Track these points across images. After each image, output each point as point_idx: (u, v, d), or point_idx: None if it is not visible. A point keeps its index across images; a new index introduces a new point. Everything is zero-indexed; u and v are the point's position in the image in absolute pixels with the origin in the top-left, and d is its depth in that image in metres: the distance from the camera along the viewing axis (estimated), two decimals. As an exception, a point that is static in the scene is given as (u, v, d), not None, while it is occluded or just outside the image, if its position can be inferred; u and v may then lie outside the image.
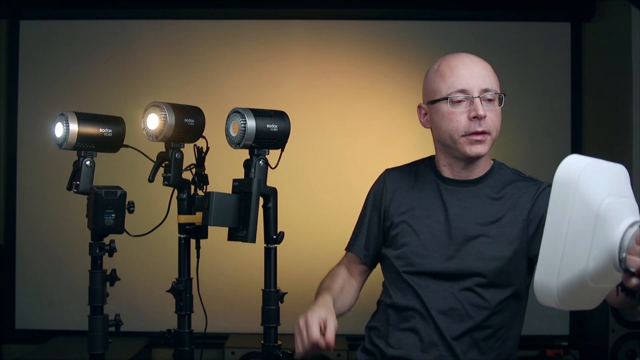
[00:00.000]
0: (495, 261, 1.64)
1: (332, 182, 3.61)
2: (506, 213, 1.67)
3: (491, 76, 1.68)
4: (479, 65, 1.68)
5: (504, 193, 1.70)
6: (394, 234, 1.75)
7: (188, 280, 1.66)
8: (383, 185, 1.83)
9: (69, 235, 3.61)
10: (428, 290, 1.67)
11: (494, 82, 1.67)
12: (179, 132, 1.59)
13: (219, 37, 3.80)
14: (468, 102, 1.64)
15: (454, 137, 1.67)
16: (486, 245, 1.65)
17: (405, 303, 1.70)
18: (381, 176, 1.87)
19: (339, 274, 1.84)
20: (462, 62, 1.68)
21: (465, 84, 1.64)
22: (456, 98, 1.64)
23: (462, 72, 1.65)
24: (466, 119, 1.64)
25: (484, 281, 1.64)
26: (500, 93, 1.68)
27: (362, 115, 3.67)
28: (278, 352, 1.50)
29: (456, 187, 1.72)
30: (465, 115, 1.64)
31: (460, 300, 1.65)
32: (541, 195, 1.66)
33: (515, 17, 3.80)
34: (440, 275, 1.67)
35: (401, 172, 1.84)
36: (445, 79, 1.66)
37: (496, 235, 1.66)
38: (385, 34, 3.76)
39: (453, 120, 1.65)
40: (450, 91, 1.65)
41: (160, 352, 3.66)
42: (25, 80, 3.79)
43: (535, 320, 3.72)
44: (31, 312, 3.74)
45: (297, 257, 3.40)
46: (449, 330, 1.64)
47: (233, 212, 1.46)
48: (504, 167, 1.78)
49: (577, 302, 1.16)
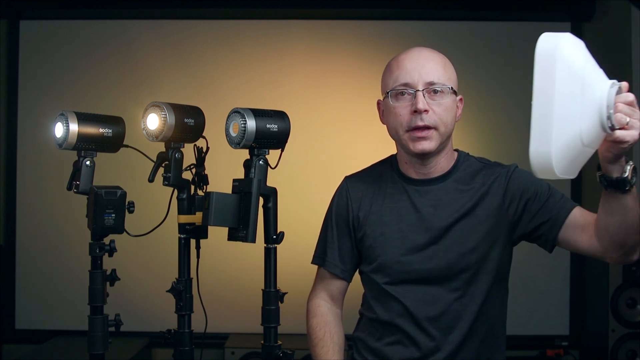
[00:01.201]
0: (475, 253, 1.63)
1: (332, 182, 3.60)
2: (479, 202, 1.65)
3: (439, 69, 1.63)
4: (426, 59, 1.64)
5: (473, 182, 1.68)
6: (367, 246, 1.71)
7: (188, 280, 1.66)
8: (347, 196, 1.77)
9: (68, 236, 3.61)
10: (413, 299, 1.65)
11: (442, 75, 1.62)
12: (179, 132, 1.59)
13: (219, 37, 3.80)
14: (411, 96, 1.61)
15: (398, 133, 1.64)
16: (464, 238, 1.63)
17: (388, 318, 1.67)
18: (342, 185, 1.81)
19: (325, 315, 1.77)
20: (409, 56, 1.65)
21: (409, 78, 1.61)
22: (398, 91, 1.62)
23: (407, 65, 1.63)
24: (408, 113, 1.61)
25: (468, 276, 1.63)
26: (448, 86, 1.62)
27: (362, 115, 3.66)
28: (278, 352, 1.50)
29: (424, 187, 1.69)
30: (407, 109, 1.61)
31: (449, 303, 1.63)
32: (512, 176, 1.66)
33: (515, 17, 3.80)
34: (424, 280, 1.65)
35: (363, 179, 1.78)
36: (392, 73, 1.65)
37: (472, 225, 1.64)
38: (385, 34, 3.76)
39: (397, 115, 1.63)
40: (394, 85, 1.63)
41: (160, 352, 3.66)
42: (25, 80, 3.79)
43: (535, 320, 3.76)
44: (31, 312, 3.75)
45: (297, 257, 3.38)
46: (442, 339, 1.63)
47: (233, 212, 1.46)
48: (468, 157, 1.75)
49: (569, 168, 1.20)
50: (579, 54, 1.20)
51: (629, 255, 1.50)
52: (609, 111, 1.19)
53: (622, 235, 1.44)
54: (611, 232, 1.45)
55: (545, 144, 1.16)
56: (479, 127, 3.59)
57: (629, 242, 1.45)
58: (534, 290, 3.64)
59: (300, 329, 2.22)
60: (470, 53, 3.62)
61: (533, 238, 1.65)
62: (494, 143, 3.60)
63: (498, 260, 1.66)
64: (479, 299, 1.64)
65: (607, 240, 1.48)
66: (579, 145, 1.19)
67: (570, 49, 1.18)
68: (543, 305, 3.75)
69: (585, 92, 1.17)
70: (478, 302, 1.64)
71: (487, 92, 3.65)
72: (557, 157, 1.16)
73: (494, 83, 3.70)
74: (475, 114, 3.48)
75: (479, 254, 1.63)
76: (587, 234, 1.53)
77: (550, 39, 1.17)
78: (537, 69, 1.17)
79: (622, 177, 1.33)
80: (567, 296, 3.74)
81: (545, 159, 1.16)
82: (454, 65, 1.69)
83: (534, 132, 1.17)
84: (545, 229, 1.60)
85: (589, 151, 1.24)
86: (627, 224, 1.42)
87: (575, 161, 1.22)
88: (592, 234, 1.51)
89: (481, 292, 1.64)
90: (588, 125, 1.19)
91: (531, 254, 1.93)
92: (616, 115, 1.20)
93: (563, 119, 1.15)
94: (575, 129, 1.17)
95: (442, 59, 1.67)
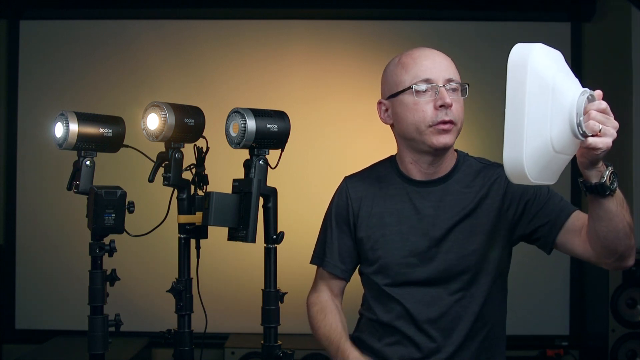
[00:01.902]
0: (475, 254, 1.63)
1: (332, 182, 3.60)
2: (479, 203, 1.65)
3: (453, 67, 1.65)
4: (441, 57, 1.66)
5: (473, 184, 1.68)
6: (368, 248, 1.71)
7: (188, 280, 1.65)
8: (347, 196, 1.77)
9: (68, 235, 3.61)
10: (413, 301, 1.65)
11: (456, 73, 1.65)
12: (179, 132, 1.59)
13: (219, 37, 3.80)
14: (433, 91, 1.61)
15: (420, 129, 1.63)
16: (464, 240, 1.64)
17: (388, 319, 1.68)
18: (342, 186, 1.81)
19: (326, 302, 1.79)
20: (424, 54, 1.66)
21: (430, 74, 1.62)
22: (421, 88, 1.62)
23: (425, 63, 1.63)
24: (432, 108, 1.61)
25: (469, 277, 1.63)
26: (464, 83, 1.65)
27: (362, 115, 3.66)
28: (278, 352, 1.49)
29: (426, 188, 1.69)
30: (431, 104, 1.61)
31: (449, 304, 1.63)
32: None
33: (515, 17, 3.80)
34: (424, 282, 1.65)
35: (363, 179, 1.78)
36: (409, 70, 1.64)
37: (473, 227, 1.64)
38: (385, 34, 3.76)
39: (419, 111, 1.62)
40: (415, 81, 1.62)
41: (160, 352, 3.66)
42: (25, 80, 3.79)
43: (535, 320, 3.75)
44: (31, 312, 3.75)
45: (297, 257, 3.38)
46: (442, 341, 1.63)
47: (233, 212, 1.46)
48: (468, 157, 1.75)
49: (543, 173, 1.24)
50: (550, 63, 1.23)
51: (622, 261, 1.50)
52: (579, 118, 1.22)
53: (612, 241, 1.44)
54: (601, 237, 1.45)
55: (517, 151, 1.20)
56: (479, 127, 3.58)
57: (620, 247, 1.45)
58: (534, 290, 3.65)
59: (300, 329, 2.23)
60: (471, 53, 3.62)
61: (532, 240, 1.65)
62: (494, 143, 3.59)
63: (498, 261, 1.66)
64: (479, 300, 1.64)
65: (598, 246, 1.48)
66: (550, 151, 1.22)
67: (540, 58, 1.21)
68: (543, 305, 3.75)
69: (555, 100, 1.21)
70: (478, 303, 1.64)
71: (488, 92, 3.65)
72: (529, 163, 1.20)
73: (494, 83, 3.69)
74: (475, 114, 3.48)
75: (479, 256, 1.63)
76: (583, 239, 1.53)
77: (522, 50, 1.22)
78: (509, 78, 1.21)
79: (600, 183, 1.34)
80: (567, 296, 3.74)
81: (517, 164, 1.20)
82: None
83: (507, 139, 1.22)
84: (544, 231, 1.60)
85: (564, 157, 1.27)
86: (615, 230, 1.42)
87: (549, 167, 1.25)
88: (586, 240, 1.52)
89: (481, 293, 1.64)
90: (558, 132, 1.22)
91: (531, 255, 1.93)
92: (588, 122, 1.22)
93: (533, 126, 1.19)
94: (545, 135, 1.21)
95: (450, 58, 1.68)
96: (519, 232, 1.65)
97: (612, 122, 1.26)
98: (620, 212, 1.40)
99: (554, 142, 1.21)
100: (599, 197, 1.37)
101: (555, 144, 1.22)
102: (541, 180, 1.25)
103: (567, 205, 1.61)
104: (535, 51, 1.21)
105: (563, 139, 1.23)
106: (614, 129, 1.26)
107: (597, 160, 1.31)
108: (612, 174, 1.34)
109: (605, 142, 1.25)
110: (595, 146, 1.24)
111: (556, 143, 1.22)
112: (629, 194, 3.50)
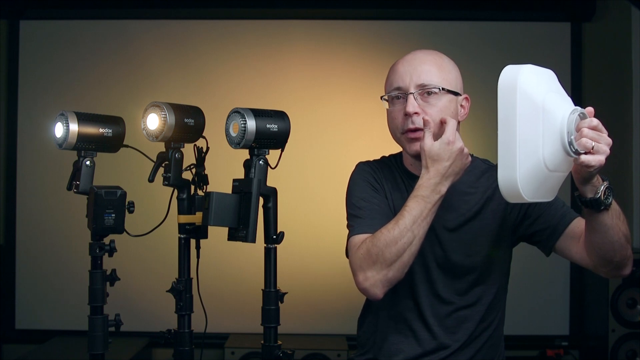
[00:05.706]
0: (481, 255, 1.63)
1: (332, 182, 3.61)
2: (485, 205, 1.66)
3: (433, 71, 1.60)
4: (420, 61, 1.63)
5: (478, 185, 1.68)
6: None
7: (188, 280, 1.65)
8: (370, 172, 1.70)
9: (68, 235, 3.61)
10: (424, 296, 1.64)
11: (435, 76, 1.60)
12: (179, 132, 1.59)
13: (219, 37, 3.80)
14: (404, 99, 1.61)
15: (396, 135, 1.65)
16: (471, 240, 1.64)
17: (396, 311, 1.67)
18: (360, 167, 1.73)
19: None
20: (405, 59, 1.66)
21: (401, 81, 1.62)
22: (392, 95, 1.64)
23: (400, 69, 1.64)
24: (402, 116, 1.61)
25: (475, 277, 1.64)
26: (439, 87, 1.59)
27: (362, 115, 3.67)
28: (278, 352, 1.50)
29: None
30: (401, 112, 1.61)
31: (456, 304, 1.63)
32: None
33: (515, 17, 3.80)
34: (432, 281, 1.64)
35: (379, 167, 1.74)
36: (389, 77, 1.67)
37: (479, 228, 1.64)
38: (385, 34, 3.76)
39: (393, 118, 1.64)
40: (389, 89, 1.65)
41: (160, 352, 3.66)
42: (25, 80, 3.79)
43: (535, 320, 3.75)
44: (31, 312, 3.75)
45: (297, 257, 3.39)
46: (446, 339, 1.63)
47: (233, 212, 1.46)
48: (472, 157, 1.71)
49: (539, 192, 1.27)
50: (540, 84, 1.25)
51: (619, 270, 1.51)
52: (570, 137, 1.24)
53: (607, 252, 1.45)
54: (597, 247, 1.46)
55: (511, 171, 1.22)
56: (479, 127, 3.58)
57: (615, 258, 1.47)
58: (534, 290, 3.65)
59: (300, 329, 2.24)
60: (471, 53, 3.62)
61: (532, 242, 1.66)
62: (494, 143, 3.59)
63: (502, 262, 1.67)
64: (485, 301, 1.65)
65: (595, 255, 1.49)
66: (544, 170, 1.24)
67: (529, 79, 1.23)
68: (543, 305, 3.75)
69: (546, 120, 1.23)
70: (484, 304, 1.65)
71: (488, 92, 3.64)
72: (523, 182, 1.22)
73: (494, 83, 3.69)
74: (475, 114, 3.48)
75: (484, 257, 1.64)
76: (581, 247, 1.55)
77: (511, 72, 1.24)
78: (499, 99, 1.23)
79: (595, 198, 1.36)
80: (567, 296, 3.74)
81: (512, 185, 1.23)
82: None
83: (500, 160, 1.24)
84: (544, 236, 1.61)
85: (559, 175, 1.29)
86: (610, 242, 1.43)
87: (544, 185, 1.27)
88: (584, 248, 1.53)
89: (487, 293, 1.65)
90: (551, 152, 1.24)
91: (531, 255, 1.93)
92: (580, 140, 1.24)
93: (525, 147, 1.21)
94: (538, 155, 1.23)
95: (439, 60, 1.64)
96: (519, 234, 1.66)
97: (605, 139, 1.27)
98: (615, 225, 1.41)
99: (547, 162, 1.23)
100: (594, 211, 1.39)
101: (548, 163, 1.24)
102: (537, 199, 1.27)
103: (569, 211, 1.61)
104: (524, 73, 1.23)
105: (556, 158, 1.25)
106: (607, 145, 1.27)
107: (591, 176, 1.33)
108: (607, 188, 1.36)
109: (598, 160, 1.26)
110: (588, 164, 1.26)
111: (549, 162, 1.24)
112: (629, 194, 3.49)
